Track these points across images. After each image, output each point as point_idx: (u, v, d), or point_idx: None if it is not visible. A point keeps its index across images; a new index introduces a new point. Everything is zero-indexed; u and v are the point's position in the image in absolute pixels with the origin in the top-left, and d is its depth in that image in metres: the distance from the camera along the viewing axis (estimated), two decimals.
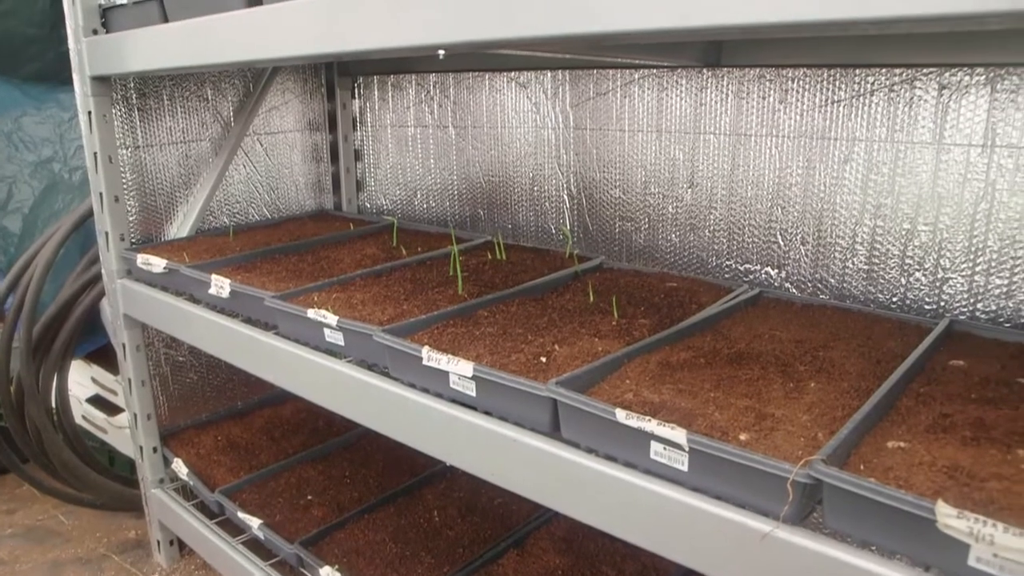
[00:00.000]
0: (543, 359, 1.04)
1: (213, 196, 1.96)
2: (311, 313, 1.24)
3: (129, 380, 1.84)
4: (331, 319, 1.21)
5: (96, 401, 2.26)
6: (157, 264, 1.59)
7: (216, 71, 1.93)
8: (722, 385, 0.95)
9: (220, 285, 1.43)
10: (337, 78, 2.14)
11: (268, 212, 2.12)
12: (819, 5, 0.58)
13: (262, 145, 2.07)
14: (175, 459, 1.82)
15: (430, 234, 1.85)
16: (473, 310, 1.25)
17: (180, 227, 1.92)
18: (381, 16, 0.97)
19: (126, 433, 2.03)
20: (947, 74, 1.19)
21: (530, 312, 1.24)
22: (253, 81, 2.01)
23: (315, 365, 1.24)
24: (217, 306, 1.49)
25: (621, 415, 0.84)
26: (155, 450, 1.90)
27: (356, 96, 2.15)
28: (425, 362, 1.04)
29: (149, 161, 1.85)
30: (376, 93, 2.09)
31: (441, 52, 0.87)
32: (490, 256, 1.60)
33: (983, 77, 1.16)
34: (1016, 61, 1.12)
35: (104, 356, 2.24)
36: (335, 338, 1.22)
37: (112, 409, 2.20)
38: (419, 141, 2.01)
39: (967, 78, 1.17)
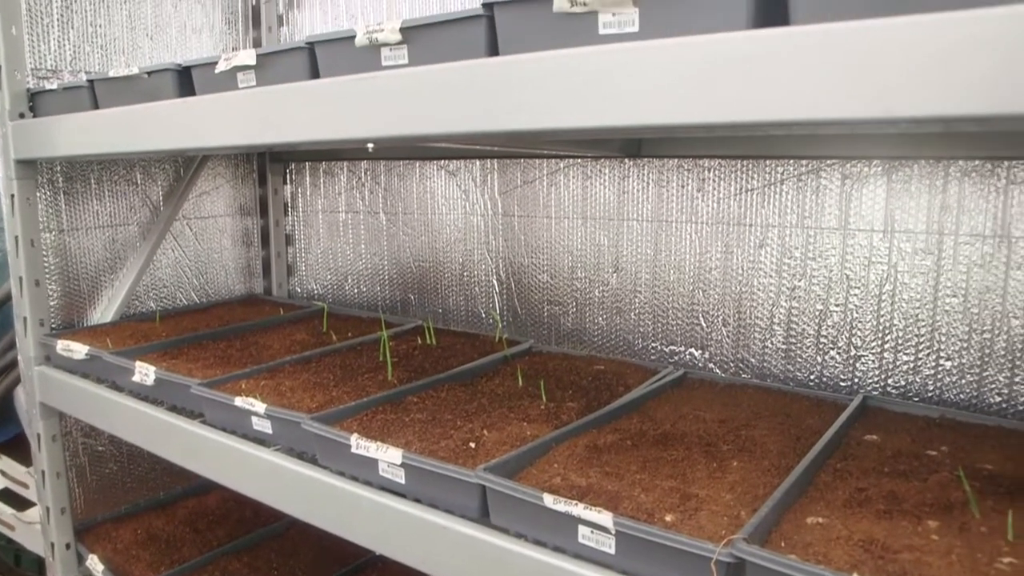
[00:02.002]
0: (472, 445, 1.04)
1: (140, 280, 1.93)
2: (238, 401, 1.22)
3: (43, 472, 1.76)
4: (259, 407, 1.19)
5: (3, 495, 2.15)
6: (78, 350, 1.55)
7: (147, 157, 1.93)
8: (648, 467, 0.97)
9: (145, 372, 1.40)
10: (269, 164, 2.16)
11: (196, 296, 2.10)
12: (707, 110, 0.64)
13: (192, 229, 2.06)
14: (90, 556, 1.74)
15: (361, 319, 1.85)
16: (403, 396, 1.25)
17: (104, 312, 1.88)
18: (313, 110, 1.00)
19: (36, 529, 1.93)
20: (848, 165, 1.27)
21: (460, 397, 1.25)
22: (184, 166, 2.01)
23: (242, 454, 1.22)
24: (141, 394, 1.45)
25: (549, 500, 0.85)
26: (68, 546, 1.80)
27: (288, 182, 2.17)
28: (354, 450, 1.04)
29: (74, 245, 1.82)
30: (308, 179, 2.11)
31: (370, 145, 0.90)
32: (420, 341, 1.61)
33: (880, 168, 1.24)
34: (907, 155, 1.21)
35: (15, 446, 2.14)
36: (263, 426, 1.21)
37: (21, 503, 2.09)
38: (350, 227, 2.03)
39: (866, 169, 1.26)
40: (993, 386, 1.21)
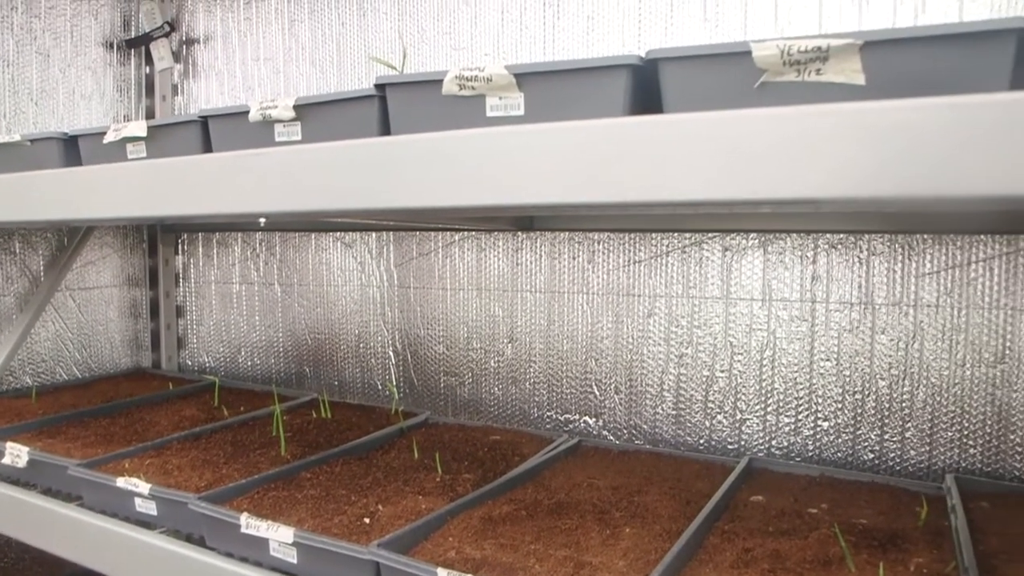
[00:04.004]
0: (367, 520, 1.03)
1: (15, 355, 1.83)
2: (120, 482, 1.17)
3: None
4: (143, 487, 1.14)
5: None
6: None
7: (28, 227, 1.86)
8: (542, 537, 0.98)
9: (16, 453, 1.32)
10: (160, 234, 2.11)
11: (79, 371, 2.00)
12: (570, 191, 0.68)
13: (75, 301, 1.98)
14: None
15: (254, 393, 1.81)
16: (296, 472, 1.22)
17: None
18: (204, 184, 1.00)
19: None
20: (728, 238, 1.35)
21: (354, 472, 1.23)
22: (68, 235, 1.94)
23: (123, 538, 1.16)
24: (12, 477, 1.36)
25: (442, 574, 0.84)
26: None
27: (180, 252, 2.12)
28: (243, 529, 1.01)
29: None
30: (201, 249, 2.07)
31: (262, 220, 0.90)
32: (315, 414, 1.58)
33: (757, 240, 1.32)
34: (780, 228, 1.30)
35: None
36: (147, 507, 1.16)
37: None
38: (244, 298, 2.00)
39: (744, 241, 1.34)
40: (866, 444, 1.28)
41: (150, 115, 2.06)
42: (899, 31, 0.61)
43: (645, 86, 0.73)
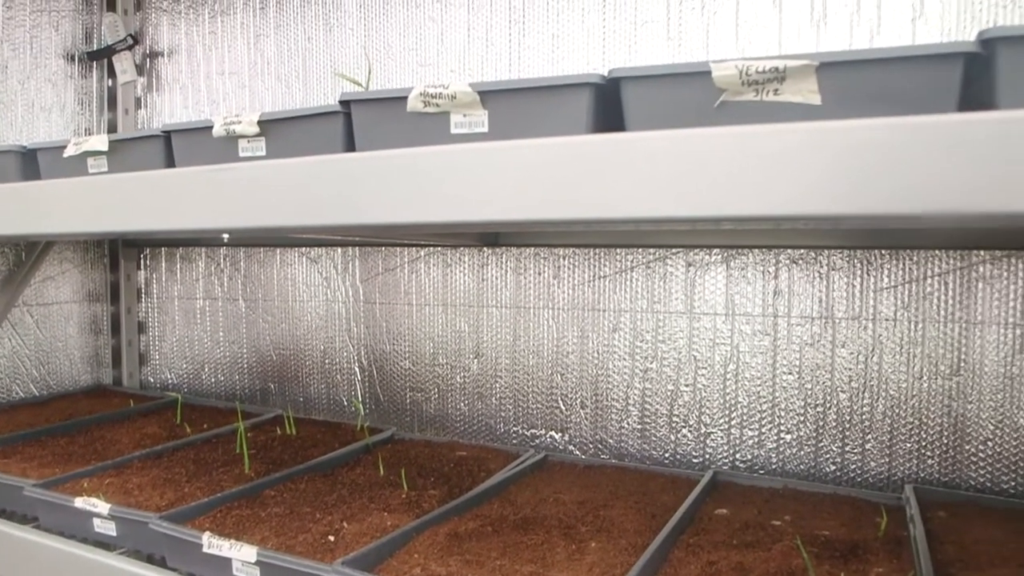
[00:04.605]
0: (331, 538, 1.02)
1: None
2: (78, 502, 1.14)
3: None
4: (102, 507, 1.12)
5: None
6: None
7: None
8: (508, 552, 0.98)
9: None
10: (122, 248, 2.08)
11: (36, 389, 1.96)
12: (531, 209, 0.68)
13: (32, 316, 1.94)
14: None
15: (218, 410, 1.79)
16: (260, 490, 1.21)
17: None
18: (167, 199, 0.99)
19: None
20: (691, 253, 1.36)
21: (319, 489, 1.22)
22: (26, 250, 1.91)
23: (80, 560, 1.13)
24: None
25: None
26: None
27: (142, 267, 2.10)
28: (206, 549, 0.99)
29: None
30: (164, 264, 2.05)
31: (226, 236, 0.89)
32: (280, 431, 1.57)
33: (720, 256, 1.34)
34: (743, 244, 1.32)
35: None
36: (106, 528, 1.13)
37: None
38: (208, 314, 1.97)
39: (707, 256, 1.35)
40: (827, 456, 1.30)
41: (112, 129, 2.04)
42: (853, 52, 0.63)
43: (608, 104, 0.74)
